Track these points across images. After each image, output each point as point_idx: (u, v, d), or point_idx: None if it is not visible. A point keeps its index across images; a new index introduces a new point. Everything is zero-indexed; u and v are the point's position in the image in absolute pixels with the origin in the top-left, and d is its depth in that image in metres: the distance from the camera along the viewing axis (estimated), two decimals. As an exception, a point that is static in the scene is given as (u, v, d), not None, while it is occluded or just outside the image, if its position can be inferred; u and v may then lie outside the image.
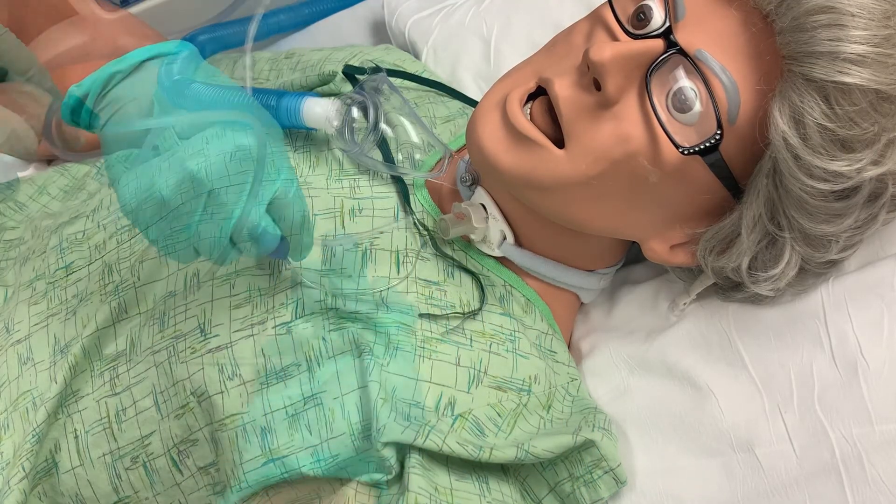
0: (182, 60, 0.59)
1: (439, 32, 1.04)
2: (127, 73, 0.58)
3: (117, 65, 0.58)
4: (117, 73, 0.58)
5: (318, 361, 0.67)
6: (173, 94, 0.57)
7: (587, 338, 0.82)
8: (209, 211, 0.56)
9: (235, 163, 0.56)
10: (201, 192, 0.55)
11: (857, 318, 0.68)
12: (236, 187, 0.56)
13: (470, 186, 0.74)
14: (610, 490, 0.70)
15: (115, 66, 0.58)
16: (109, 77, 0.58)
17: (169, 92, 0.57)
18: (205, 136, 0.56)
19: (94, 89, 0.58)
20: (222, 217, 0.57)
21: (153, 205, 0.56)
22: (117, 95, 0.58)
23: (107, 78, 0.58)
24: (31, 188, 0.94)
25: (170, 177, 0.55)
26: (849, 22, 0.58)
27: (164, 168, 0.55)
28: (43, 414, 0.70)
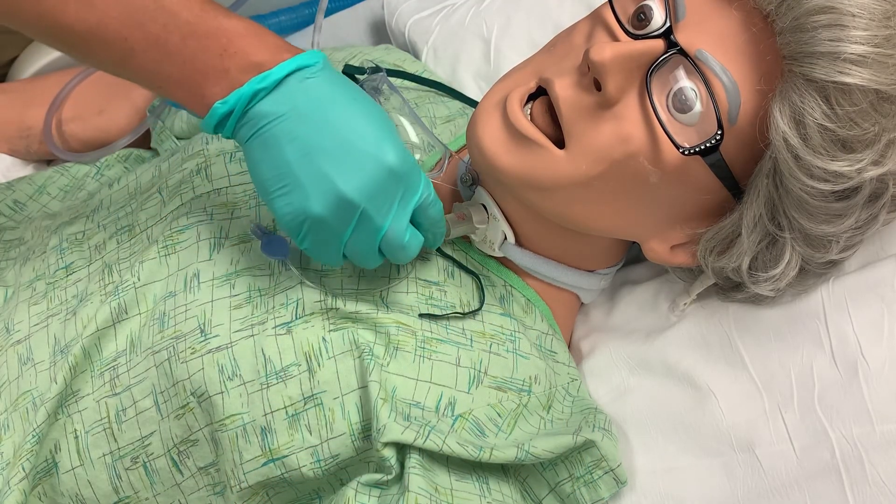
0: (321, 73, 0.61)
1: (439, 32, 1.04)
2: (270, 90, 0.60)
3: (261, 82, 0.59)
4: (261, 90, 0.60)
5: (318, 361, 0.67)
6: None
7: (587, 338, 0.82)
8: (360, 228, 0.61)
9: (382, 183, 0.60)
10: (354, 212, 0.60)
11: (858, 318, 0.68)
12: (385, 206, 0.61)
13: (470, 186, 0.74)
14: (610, 490, 0.70)
15: (259, 84, 0.59)
16: (253, 94, 0.60)
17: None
18: (344, 149, 0.60)
19: (239, 106, 0.60)
20: (372, 232, 0.62)
21: (307, 220, 0.61)
22: (264, 111, 0.60)
23: (251, 95, 0.60)
24: (31, 188, 0.94)
25: (320, 196, 0.60)
26: (849, 22, 0.58)
27: (311, 184, 0.60)
28: (43, 414, 0.70)
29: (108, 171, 0.95)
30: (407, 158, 0.62)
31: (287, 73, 0.60)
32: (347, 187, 0.59)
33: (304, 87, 0.61)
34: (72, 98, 1.00)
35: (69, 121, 1.00)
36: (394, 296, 0.71)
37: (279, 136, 0.60)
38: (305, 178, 0.60)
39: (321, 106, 0.61)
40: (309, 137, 0.60)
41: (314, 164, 0.60)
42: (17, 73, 1.10)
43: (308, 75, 0.61)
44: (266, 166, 0.61)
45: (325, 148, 0.60)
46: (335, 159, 0.60)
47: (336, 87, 0.62)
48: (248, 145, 0.62)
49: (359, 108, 0.62)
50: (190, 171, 0.79)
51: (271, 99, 0.60)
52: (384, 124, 0.62)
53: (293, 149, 0.60)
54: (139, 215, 0.78)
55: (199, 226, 0.74)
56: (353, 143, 0.60)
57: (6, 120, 1.01)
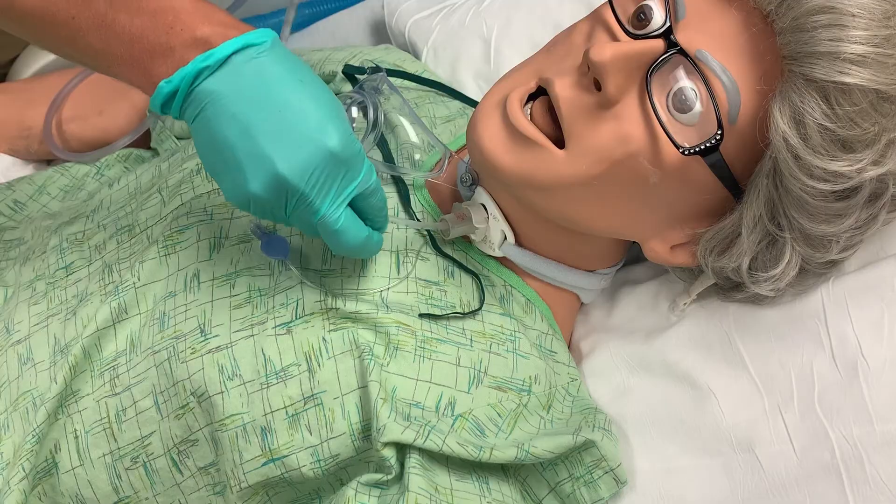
0: (269, 52, 0.59)
1: (439, 32, 1.04)
2: (215, 69, 0.58)
3: (205, 61, 0.58)
4: (205, 68, 0.58)
5: (318, 361, 0.67)
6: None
7: (587, 338, 0.82)
8: (298, 209, 0.60)
9: (320, 165, 0.59)
10: (292, 193, 0.59)
11: (858, 318, 0.68)
12: (323, 189, 0.59)
13: (470, 186, 0.74)
14: (610, 490, 0.70)
15: (203, 63, 0.58)
16: (198, 73, 0.58)
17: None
18: (285, 130, 0.58)
19: (183, 85, 0.58)
20: (310, 213, 0.60)
21: (249, 200, 0.60)
22: (208, 90, 0.58)
23: (195, 74, 0.58)
24: (31, 188, 0.94)
25: (258, 175, 0.58)
26: (849, 22, 0.58)
27: (250, 163, 0.58)
28: (43, 414, 0.70)
29: (108, 171, 0.95)
30: (350, 143, 0.59)
31: (233, 52, 0.58)
32: (284, 167, 0.58)
33: (250, 66, 0.59)
34: (72, 98, 1.00)
35: (69, 121, 1.00)
36: (394, 296, 0.71)
37: (221, 115, 0.58)
38: (244, 157, 0.58)
39: (265, 85, 0.59)
40: (250, 116, 0.58)
41: (254, 143, 0.58)
42: (17, 73, 1.10)
43: (255, 54, 0.59)
44: (210, 146, 0.59)
45: (265, 128, 0.58)
46: (275, 139, 0.58)
47: (284, 67, 0.60)
48: (194, 126, 0.60)
49: (305, 89, 0.60)
50: (190, 171, 0.79)
51: (216, 78, 0.58)
52: (331, 107, 0.60)
53: (234, 128, 0.58)
54: (139, 215, 0.78)
55: (199, 226, 0.74)
56: (294, 123, 0.58)
57: (6, 120, 1.01)
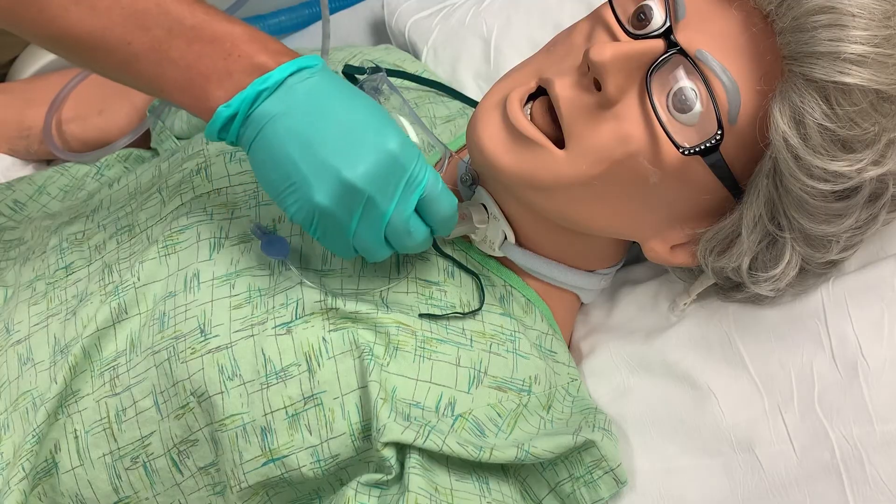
0: (320, 73, 0.62)
1: (439, 32, 1.04)
2: (273, 90, 0.60)
3: (263, 83, 0.60)
4: (264, 90, 0.60)
5: (318, 361, 0.67)
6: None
7: (587, 338, 0.82)
8: (366, 215, 0.61)
9: (385, 168, 0.60)
10: (359, 199, 0.60)
11: (858, 318, 0.68)
12: (389, 192, 0.61)
13: (470, 186, 0.74)
14: (610, 490, 0.70)
15: (262, 85, 0.60)
16: (257, 95, 0.60)
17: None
18: (346, 139, 0.60)
19: (242, 108, 0.60)
20: (377, 218, 0.62)
21: (316, 213, 0.61)
22: (266, 111, 0.60)
23: (254, 96, 0.60)
24: (31, 188, 0.94)
25: (324, 186, 0.60)
26: (849, 22, 0.58)
27: (315, 175, 0.60)
28: (43, 414, 0.70)
29: (108, 171, 0.95)
30: (410, 148, 0.62)
31: (289, 74, 0.61)
32: (350, 173, 0.59)
33: (304, 85, 0.61)
34: (72, 98, 1.00)
35: (69, 121, 1.00)
36: (394, 296, 0.71)
37: (282, 134, 0.60)
38: (309, 170, 0.60)
39: (321, 101, 0.61)
40: (310, 131, 0.60)
41: (316, 155, 0.60)
42: (17, 73, 1.10)
43: (308, 75, 0.61)
44: (272, 165, 0.61)
45: (326, 139, 0.60)
46: (337, 148, 0.60)
47: (336, 85, 0.62)
48: (254, 147, 0.62)
49: (359, 102, 0.62)
50: (190, 170, 0.79)
51: (274, 99, 0.60)
52: (385, 117, 0.62)
53: (295, 144, 0.60)
54: (139, 215, 0.78)
55: (199, 226, 0.74)
56: (353, 131, 0.61)
57: (6, 120, 1.01)
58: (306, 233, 0.72)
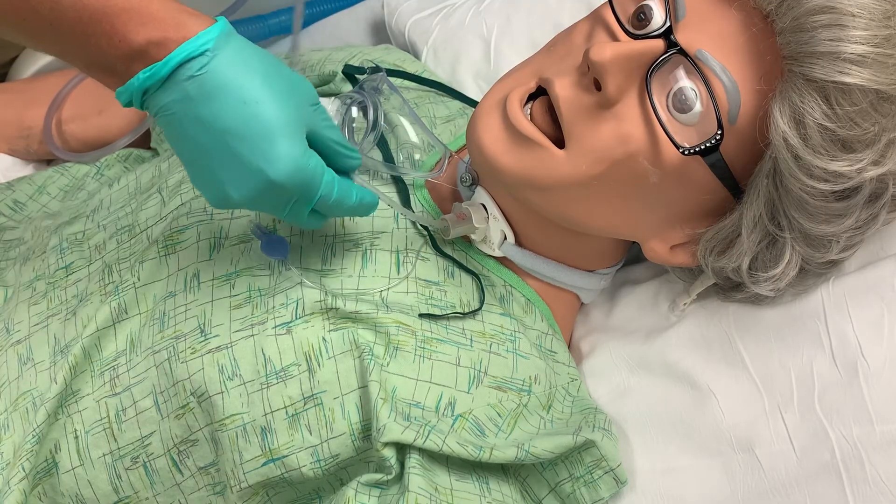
0: (218, 58, 0.56)
1: (439, 32, 1.04)
2: (159, 87, 0.57)
3: (148, 81, 0.56)
4: (150, 87, 0.56)
5: (318, 361, 0.67)
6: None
7: (587, 338, 0.82)
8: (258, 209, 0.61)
9: (267, 195, 0.59)
10: (247, 207, 0.60)
11: (858, 318, 0.68)
12: (277, 207, 0.60)
13: (470, 186, 0.74)
14: (610, 490, 0.70)
15: (147, 83, 0.56)
16: (144, 90, 0.57)
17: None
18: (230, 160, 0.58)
19: (135, 98, 0.57)
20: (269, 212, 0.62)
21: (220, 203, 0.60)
22: (158, 103, 0.57)
23: (142, 91, 0.57)
24: (31, 188, 0.94)
25: (213, 193, 0.59)
26: (849, 22, 0.58)
27: (206, 181, 0.59)
28: (43, 414, 0.70)
29: (108, 171, 0.95)
30: (297, 169, 0.57)
31: (174, 68, 0.56)
32: (236, 195, 0.58)
33: (192, 84, 0.56)
34: (71, 98, 1.00)
35: (69, 121, 1.00)
36: (394, 296, 0.71)
37: (172, 132, 0.58)
38: (197, 175, 0.60)
39: (209, 107, 0.56)
40: (198, 139, 0.57)
41: (205, 164, 0.58)
42: (17, 73, 1.10)
43: (197, 70, 0.56)
44: (174, 146, 0.60)
45: (213, 152, 0.57)
46: (224, 165, 0.58)
47: (232, 79, 0.56)
48: (158, 120, 0.59)
49: (253, 108, 0.56)
50: (190, 171, 0.79)
51: (162, 94, 0.57)
52: (283, 121, 0.57)
53: (185, 148, 0.59)
54: (139, 215, 0.78)
55: (199, 226, 0.74)
56: (239, 152, 0.57)
57: (6, 120, 1.01)
58: (306, 232, 0.72)
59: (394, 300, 0.70)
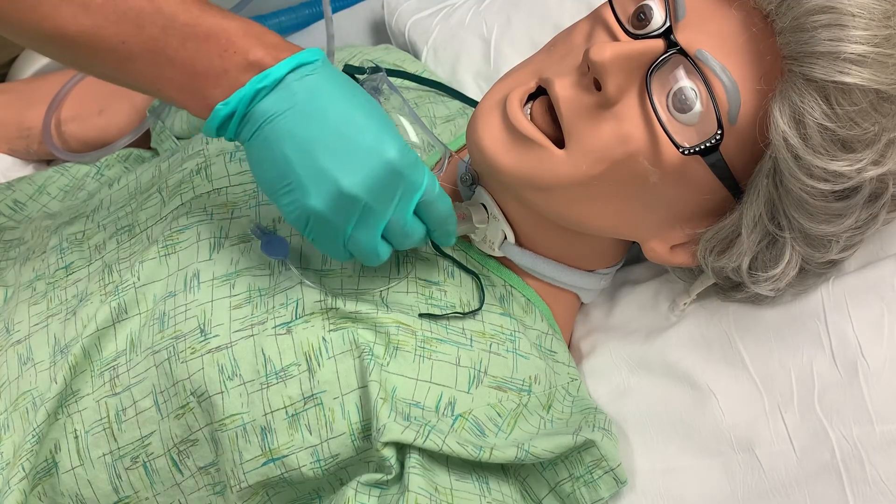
0: (321, 70, 0.61)
1: (439, 32, 1.04)
2: (271, 88, 0.60)
3: (261, 81, 0.59)
4: (262, 89, 0.59)
5: (318, 361, 0.67)
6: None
7: (587, 338, 0.82)
8: (362, 222, 0.61)
9: (383, 178, 0.60)
10: (356, 207, 0.60)
11: (858, 318, 0.68)
12: (386, 199, 0.61)
13: (470, 186, 0.74)
14: (610, 490, 0.70)
15: (259, 84, 0.59)
16: (255, 93, 0.59)
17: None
18: (344, 145, 0.60)
19: (240, 107, 0.60)
20: (373, 226, 0.62)
21: (310, 217, 0.61)
22: (265, 110, 0.60)
23: (252, 95, 0.59)
24: (31, 188, 0.94)
25: (321, 192, 0.60)
26: (849, 22, 0.58)
27: (311, 180, 0.60)
28: (43, 414, 0.70)
29: (108, 171, 0.95)
30: (408, 154, 0.61)
31: (287, 71, 0.60)
32: (347, 182, 0.59)
33: (303, 84, 0.60)
34: (71, 98, 1.00)
35: (68, 121, 1.00)
36: (394, 296, 0.71)
37: (280, 134, 0.60)
38: (305, 174, 0.60)
39: (321, 102, 0.60)
40: (309, 133, 0.60)
41: (314, 159, 0.59)
42: (17, 73, 1.10)
43: (308, 72, 0.61)
44: (269, 165, 0.61)
45: (324, 143, 0.60)
46: (335, 154, 0.59)
47: (335, 84, 0.61)
48: (250, 145, 0.61)
49: (358, 104, 0.61)
50: (190, 170, 0.79)
51: (272, 97, 0.60)
52: (384, 120, 0.62)
53: (293, 146, 0.60)
54: (139, 215, 0.78)
55: (199, 226, 0.74)
56: (352, 138, 0.60)
57: (6, 120, 1.01)
58: None
59: (394, 300, 0.70)
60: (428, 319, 0.70)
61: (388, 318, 0.68)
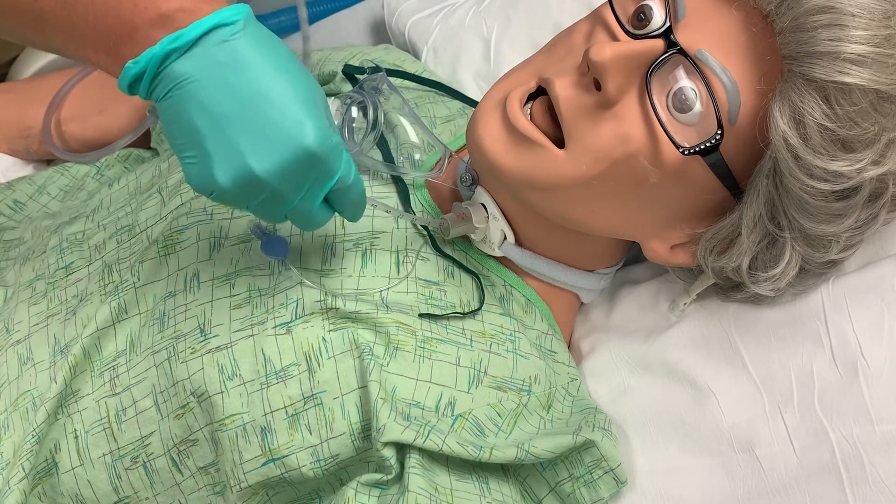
0: (243, 32, 0.56)
1: (439, 32, 1.04)
2: (184, 51, 0.55)
3: (173, 42, 0.54)
4: (174, 50, 0.55)
5: (318, 361, 0.67)
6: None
7: (587, 338, 0.82)
8: (267, 202, 0.58)
9: (296, 165, 0.56)
10: (262, 190, 0.56)
11: (858, 318, 0.68)
12: (296, 186, 0.57)
13: (470, 186, 0.74)
14: (610, 490, 0.70)
15: (172, 44, 0.54)
16: (167, 54, 0.55)
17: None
18: (259, 124, 0.55)
19: (150, 67, 0.55)
20: (279, 207, 0.58)
21: (213, 192, 0.57)
22: (177, 72, 0.55)
23: (163, 55, 0.55)
24: (31, 188, 0.94)
25: (229, 170, 0.55)
26: (849, 22, 0.58)
27: (219, 155, 0.55)
28: (43, 414, 0.70)
29: (108, 170, 0.95)
30: (327, 138, 0.56)
31: (204, 32, 0.55)
32: (258, 167, 0.55)
33: (222, 49, 0.55)
34: (71, 98, 1.00)
35: (68, 121, 1.00)
36: (394, 296, 0.71)
37: (190, 103, 0.55)
38: (214, 148, 0.55)
39: (238, 73, 0.55)
40: (221, 108, 0.55)
41: (225, 136, 0.55)
42: (17, 73, 1.10)
43: (227, 36, 0.55)
44: (177, 131, 0.56)
45: (237, 120, 0.55)
46: (248, 134, 0.55)
47: (259, 52, 0.56)
48: (161, 106, 0.57)
49: (281, 77, 0.56)
50: (190, 170, 0.79)
51: (185, 61, 0.55)
52: (309, 98, 0.56)
53: (204, 117, 0.55)
54: (139, 215, 0.78)
55: (198, 226, 0.74)
56: (268, 117, 0.55)
57: (6, 120, 1.01)
58: (306, 232, 0.72)
59: (394, 300, 0.70)
60: (428, 319, 0.70)
61: (388, 318, 0.68)
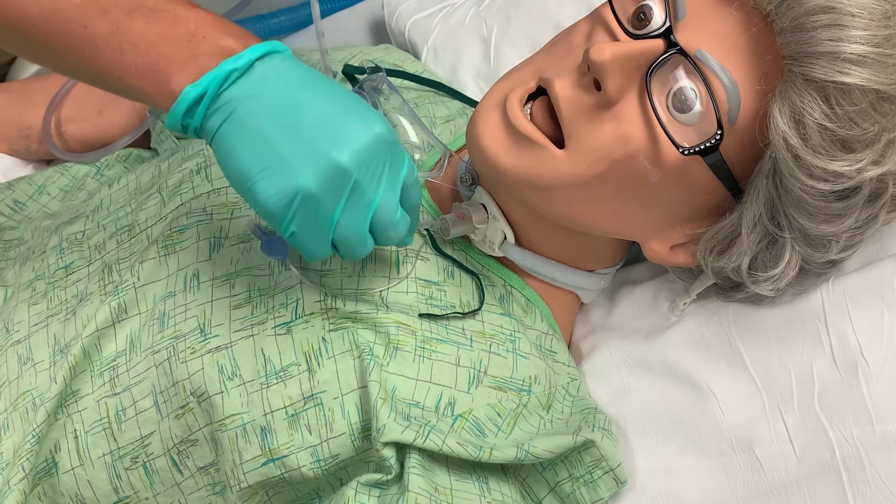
0: (291, 59, 0.59)
1: (439, 32, 1.04)
2: (243, 72, 0.57)
3: (234, 63, 0.56)
4: (233, 71, 0.56)
5: (318, 361, 0.67)
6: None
7: (587, 338, 0.82)
8: (352, 201, 0.58)
9: (373, 150, 0.57)
10: (347, 182, 0.57)
11: (858, 318, 0.68)
12: (376, 176, 0.58)
13: (470, 186, 0.74)
14: (610, 490, 0.70)
15: (232, 65, 0.56)
16: (226, 76, 0.56)
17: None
18: (329, 121, 0.57)
19: (211, 88, 0.56)
20: (364, 206, 0.58)
21: (297, 198, 0.56)
22: (238, 94, 0.57)
23: (224, 76, 0.56)
24: (31, 188, 0.94)
25: (311, 167, 0.56)
26: (849, 22, 0.58)
27: (297, 157, 0.56)
28: (43, 414, 0.70)
29: (108, 171, 0.95)
30: (392, 130, 0.59)
31: (259, 56, 0.57)
32: (339, 154, 0.56)
33: (276, 69, 0.58)
34: (71, 98, 0.99)
35: (68, 121, 1.00)
36: (394, 296, 0.71)
37: (257, 114, 0.57)
38: (291, 152, 0.56)
39: (297, 85, 0.58)
40: (290, 112, 0.57)
41: (300, 136, 0.56)
42: (17, 73, 1.10)
43: (280, 60, 0.58)
44: (245, 149, 0.57)
45: (308, 120, 0.57)
46: (322, 129, 0.56)
47: (307, 71, 0.59)
48: (222, 132, 0.57)
49: (335, 87, 0.59)
50: (190, 170, 0.79)
51: (245, 81, 0.57)
52: (363, 102, 0.60)
53: (274, 125, 0.56)
54: (139, 215, 0.78)
55: (198, 226, 0.74)
56: (338, 112, 0.57)
57: (6, 120, 1.01)
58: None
59: (394, 300, 0.70)
60: (428, 319, 0.70)
61: (388, 318, 0.68)
